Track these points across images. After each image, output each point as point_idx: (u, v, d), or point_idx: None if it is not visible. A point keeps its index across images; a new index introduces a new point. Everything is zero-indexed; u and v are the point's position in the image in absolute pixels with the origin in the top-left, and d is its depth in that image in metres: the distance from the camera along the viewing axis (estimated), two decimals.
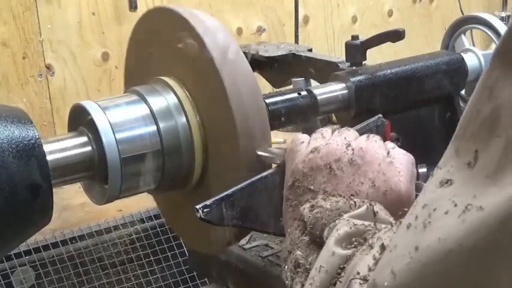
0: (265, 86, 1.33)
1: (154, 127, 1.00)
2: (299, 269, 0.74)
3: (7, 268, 1.92)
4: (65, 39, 2.47)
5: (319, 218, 0.76)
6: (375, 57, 1.32)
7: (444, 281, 0.48)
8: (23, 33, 2.38)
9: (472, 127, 0.51)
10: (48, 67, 2.45)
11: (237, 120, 0.95)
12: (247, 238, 1.22)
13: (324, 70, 1.25)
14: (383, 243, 0.61)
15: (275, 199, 0.90)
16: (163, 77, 1.04)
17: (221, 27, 1.02)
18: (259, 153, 0.96)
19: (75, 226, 2.04)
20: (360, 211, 0.74)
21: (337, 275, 0.66)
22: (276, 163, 0.92)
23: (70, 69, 2.50)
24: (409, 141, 1.23)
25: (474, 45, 1.45)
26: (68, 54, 2.48)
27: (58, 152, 0.95)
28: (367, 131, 0.93)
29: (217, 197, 0.88)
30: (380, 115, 0.97)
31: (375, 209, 0.74)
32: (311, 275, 0.69)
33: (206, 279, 1.82)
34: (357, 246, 0.67)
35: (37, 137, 0.88)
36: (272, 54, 1.33)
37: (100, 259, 2.03)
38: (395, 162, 0.82)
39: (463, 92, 1.37)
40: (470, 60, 1.34)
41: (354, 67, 1.24)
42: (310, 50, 1.35)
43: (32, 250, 1.94)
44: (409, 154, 0.85)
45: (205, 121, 1.01)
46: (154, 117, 1.00)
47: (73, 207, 2.13)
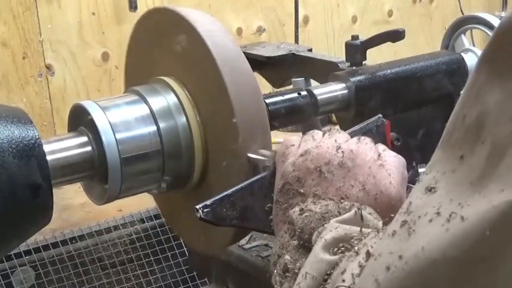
0: (265, 86, 1.33)
1: (154, 127, 1.00)
2: (288, 274, 0.73)
3: (7, 268, 1.91)
4: (65, 39, 2.47)
5: (308, 222, 0.75)
6: (375, 57, 1.32)
7: None
8: (23, 33, 2.38)
9: (458, 133, 0.50)
10: (48, 67, 2.45)
11: (237, 120, 0.95)
12: (247, 238, 1.22)
13: (324, 70, 1.25)
14: (368, 250, 0.60)
15: None
16: (163, 77, 1.05)
17: (221, 27, 1.02)
18: (250, 155, 0.96)
19: (75, 226, 2.04)
20: (348, 215, 0.73)
21: (323, 282, 0.65)
22: (268, 165, 0.92)
23: (70, 69, 2.49)
24: (409, 141, 1.23)
25: (474, 45, 1.45)
26: (68, 54, 2.48)
27: (58, 152, 0.95)
28: (367, 131, 0.93)
29: (217, 197, 0.88)
30: (380, 115, 0.97)
31: (363, 214, 0.73)
32: (297, 281, 0.68)
33: (206, 279, 1.82)
34: (344, 252, 0.66)
35: (37, 137, 0.89)
36: (272, 54, 1.33)
37: (100, 259, 2.03)
38: (386, 164, 0.81)
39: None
40: (470, 60, 1.34)
41: (354, 67, 1.24)
42: (310, 50, 1.35)
43: (32, 250, 1.94)
44: (400, 156, 0.84)
45: (205, 121, 1.01)
46: (154, 117, 1.00)
47: (73, 207, 2.13)
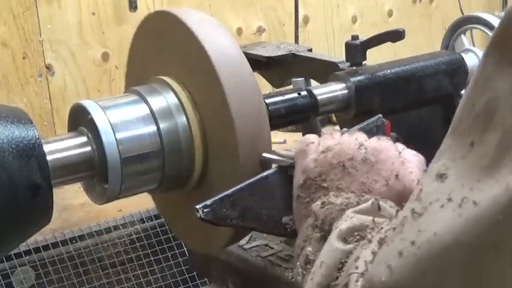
0: (265, 86, 1.33)
1: (154, 127, 1.00)
2: (309, 266, 0.74)
3: (7, 268, 1.91)
4: (65, 39, 2.47)
5: (328, 214, 0.76)
6: (375, 57, 1.32)
7: (441, 277, 0.48)
8: (23, 33, 2.38)
9: (467, 120, 0.51)
10: (48, 67, 2.45)
11: (237, 120, 0.95)
12: (247, 238, 1.22)
13: (324, 70, 1.25)
14: (381, 237, 0.61)
15: (275, 199, 0.90)
16: (163, 77, 1.05)
17: (221, 27, 1.02)
18: (264, 155, 0.96)
19: (75, 226, 2.04)
20: (365, 206, 0.74)
21: (337, 270, 0.66)
22: (285, 166, 0.92)
23: (70, 69, 2.49)
24: (409, 141, 1.23)
25: (474, 45, 1.45)
26: (68, 54, 2.48)
27: (58, 152, 0.95)
28: (367, 131, 0.93)
29: (217, 197, 0.88)
30: (380, 115, 0.97)
31: (381, 204, 0.74)
32: (313, 270, 0.69)
33: (206, 279, 1.82)
34: (359, 241, 0.67)
35: (37, 137, 0.88)
36: (272, 54, 1.33)
37: (100, 259, 2.03)
38: (406, 162, 0.83)
39: (463, 92, 1.37)
40: (470, 60, 1.34)
41: (354, 67, 1.23)
42: (310, 50, 1.35)
43: (32, 250, 1.94)
44: (420, 155, 0.86)
45: (205, 121, 1.01)
46: (154, 117, 1.00)
47: (73, 207, 2.13)
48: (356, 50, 1.24)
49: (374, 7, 3.18)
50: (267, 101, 1.07)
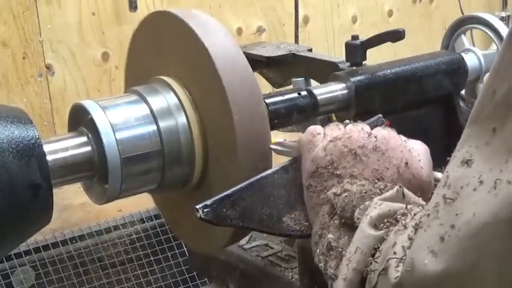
0: (265, 86, 1.33)
1: (154, 127, 1.00)
2: (332, 252, 0.76)
3: (7, 268, 1.92)
4: (65, 39, 2.47)
5: (348, 201, 0.78)
6: (375, 57, 1.32)
7: (483, 253, 0.51)
8: (23, 33, 2.38)
9: (488, 108, 0.54)
10: (48, 67, 2.45)
11: (237, 120, 0.95)
12: (247, 238, 1.22)
13: (324, 70, 1.25)
14: (416, 223, 0.63)
15: (275, 199, 0.90)
16: (163, 77, 1.05)
17: (221, 27, 1.02)
18: (272, 146, 0.97)
19: (75, 226, 2.05)
20: (390, 193, 0.76)
21: (372, 256, 0.68)
22: (291, 157, 0.93)
23: (70, 69, 2.50)
24: None
25: (474, 45, 1.45)
26: (68, 54, 2.48)
27: (58, 152, 0.95)
28: None
29: (217, 197, 0.88)
30: (380, 115, 0.98)
31: (405, 191, 0.76)
32: (347, 256, 0.71)
33: (206, 279, 1.82)
34: (389, 226, 0.69)
35: (37, 137, 0.88)
36: (272, 54, 1.33)
37: (100, 259, 2.03)
38: (413, 151, 0.85)
39: (463, 92, 1.37)
40: (470, 60, 1.34)
41: (354, 67, 1.24)
42: (310, 50, 1.35)
43: (32, 250, 1.94)
44: (424, 144, 0.88)
45: (205, 121, 1.01)
46: (154, 117, 1.00)
47: (73, 207, 2.13)
48: (356, 50, 1.24)
49: (374, 7, 3.18)
50: (267, 101, 1.07)
